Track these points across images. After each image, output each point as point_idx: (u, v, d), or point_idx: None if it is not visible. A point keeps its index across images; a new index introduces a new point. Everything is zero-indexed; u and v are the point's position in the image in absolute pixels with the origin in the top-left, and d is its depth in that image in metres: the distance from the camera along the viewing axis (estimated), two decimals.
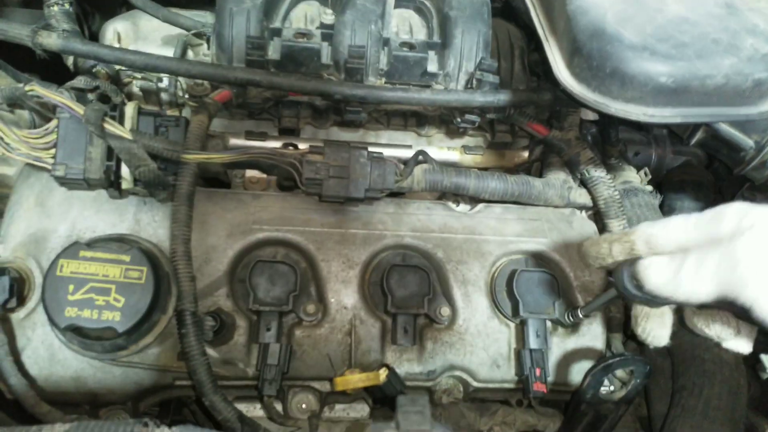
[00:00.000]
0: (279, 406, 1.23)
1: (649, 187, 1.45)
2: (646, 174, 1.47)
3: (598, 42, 0.98)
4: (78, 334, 1.02)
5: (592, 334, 1.28)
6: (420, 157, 1.32)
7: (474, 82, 1.31)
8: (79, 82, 1.28)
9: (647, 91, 0.97)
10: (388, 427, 0.63)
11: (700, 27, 0.99)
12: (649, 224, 0.86)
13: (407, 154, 1.40)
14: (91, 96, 1.30)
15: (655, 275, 0.82)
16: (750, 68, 0.96)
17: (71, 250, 1.03)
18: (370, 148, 1.28)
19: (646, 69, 0.96)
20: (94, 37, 1.48)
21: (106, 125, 1.09)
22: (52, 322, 1.01)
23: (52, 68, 1.37)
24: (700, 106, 0.99)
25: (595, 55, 0.99)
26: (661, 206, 1.47)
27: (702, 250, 0.76)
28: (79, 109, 1.09)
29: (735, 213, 0.75)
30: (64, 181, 1.14)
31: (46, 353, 1.11)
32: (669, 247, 0.82)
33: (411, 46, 1.33)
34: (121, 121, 1.13)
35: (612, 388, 1.21)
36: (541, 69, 1.41)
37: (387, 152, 1.37)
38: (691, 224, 0.80)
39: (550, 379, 1.23)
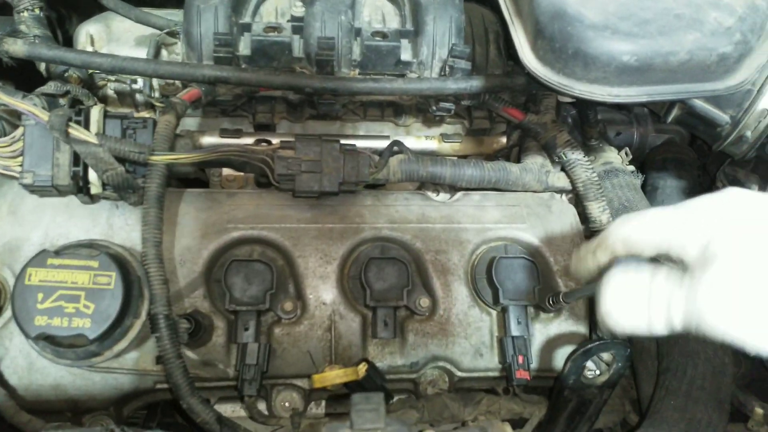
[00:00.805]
0: (262, 406, 1.23)
1: (631, 167, 1.43)
2: (627, 154, 1.45)
3: (560, 23, 0.97)
4: (50, 343, 1.02)
5: (575, 319, 1.27)
6: (395, 148, 1.31)
7: (447, 69, 1.29)
8: (50, 87, 1.27)
9: (610, 71, 0.95)
10: (342, 427, 0.62)
11: (662, 2, 0.97)
12: (622, 222, 0.82)
13: (385, 144, 1.39)
14: (62, 101, 1.30)
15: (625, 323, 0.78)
16: (714, 43, 0.95)
17: (39, 258, 1.02)
18: (347, 140, 1.27)
19: (608, 48, 0.94)
20: (71, 41, 1.47)
21: (70, 130, 1.08)
22: (23, 331, 1.00)
23: (26, 75, 1.37)
24: (665, 83, 0.97)
25: (557, 37, 0.97)
26: (643, 186, 1.46)
27: (666, 295, 0.73)
28: (44, 116, 1.08)
29: (703, 229, 0.71)
30: (33, 189, 1.13)
31: (25, 362, 1.11)
32: (646, 250, 0.78)
33: (383, 35, 1.32)
34: (87, 126, 1.13)
35: (599, 372, 1.20)
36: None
37: (365, 143, 1.36)
38: (664, 224, 0.76)
39: (533, 365, 1.22)
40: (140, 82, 1.38)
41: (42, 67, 1.38)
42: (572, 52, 0.96)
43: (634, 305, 0.77)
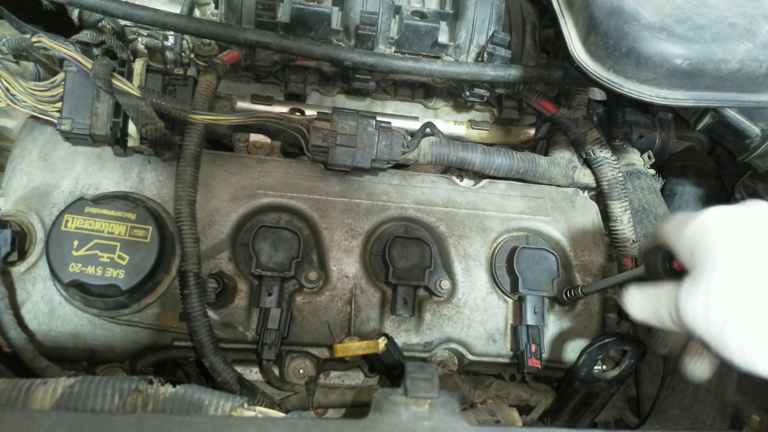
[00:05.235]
0: (276, 371, 1.24)
1: (652, 171, 1.46)
2: (649, 157, 1.47)
3: (616, 20, 0.98)
4: (81, 291, 1.02)
5: (589, 314, 1.30)
6: (427, 130, 1.31)
7: (485, 55, 1.30)
8: (85, 36, 1.25)
9: (662, 73, 0.97)
10: (395, 393, 0.63)
11: (717, 10, 0.98)
12: (670, 219, 0.84)
13: (413, 125, 1.40)
14: (96, 51, 1.28)
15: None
16: (765, 55, 0.96)
17: (76, 205, 1.02)
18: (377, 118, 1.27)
19: (662, 50, 0.95)
20: None
21: (114, 81, 1.08)
22: (56, 277, 1.00)
23: (56, 21, 1.35)
24: (712, 90, 0.99)
25: (611, 34, 0.98)
26: (662, 190, 1.48)
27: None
28: (88, 63, 1.08)
29: (704, 240, 0.72)
30: (69, 136, 1.12)
31: (46, 308, 1.11)
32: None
33: (422, 15, 1.32)
34: (129, 78, 1.12)
35: (604, 367, 1.23)
36: (552, 46, 1.40)
37: (392, 123, 1.36)
38: (678, 231, 0.78)
39: (544, 355, 1.24)
40: (171, 38, 1.37)
41: (75, 14, 1.36)
42: (626, 51, 0.97)
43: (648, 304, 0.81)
